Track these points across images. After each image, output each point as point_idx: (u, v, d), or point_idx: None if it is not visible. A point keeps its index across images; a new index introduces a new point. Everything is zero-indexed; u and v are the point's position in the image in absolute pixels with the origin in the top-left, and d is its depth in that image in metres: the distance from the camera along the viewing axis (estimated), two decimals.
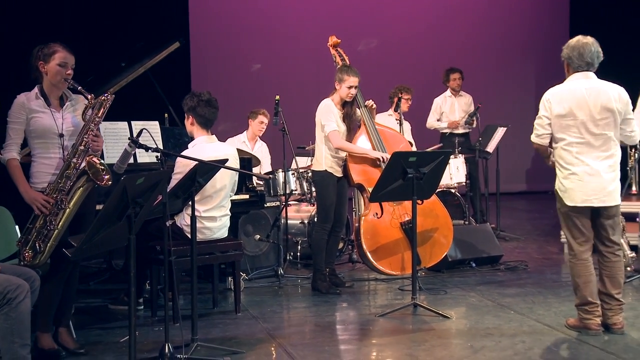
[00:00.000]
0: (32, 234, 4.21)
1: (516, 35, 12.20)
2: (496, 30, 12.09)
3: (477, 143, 8.21)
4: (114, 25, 9.22)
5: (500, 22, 12.09)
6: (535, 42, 12.21)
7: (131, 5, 9.51)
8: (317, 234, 5.95)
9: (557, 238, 7.58)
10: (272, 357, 4.42)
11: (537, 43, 12.20)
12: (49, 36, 4.60)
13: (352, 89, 5.77)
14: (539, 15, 12.26)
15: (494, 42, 12.10)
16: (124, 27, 9.23)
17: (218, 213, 5.14)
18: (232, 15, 11.30)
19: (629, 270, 6.09)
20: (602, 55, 4.68)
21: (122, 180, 3.60)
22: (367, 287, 6.19)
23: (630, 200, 7.24)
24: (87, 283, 6.31)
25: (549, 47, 11.75)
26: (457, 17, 11.94)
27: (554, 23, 12.11)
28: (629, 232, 6.57)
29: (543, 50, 12.02)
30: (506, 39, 12.16)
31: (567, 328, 4.78)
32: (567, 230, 4.75)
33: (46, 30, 6.98)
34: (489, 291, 5.85)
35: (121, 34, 9.02)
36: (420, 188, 5.28)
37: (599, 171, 4.59)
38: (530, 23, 12.24)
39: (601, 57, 4.67)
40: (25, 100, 4.34)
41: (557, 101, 4.62)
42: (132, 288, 3.75)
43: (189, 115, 5.11)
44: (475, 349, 4.42)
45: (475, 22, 12.00)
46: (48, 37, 4.54)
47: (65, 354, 4.43)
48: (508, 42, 12.17)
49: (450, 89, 8.94)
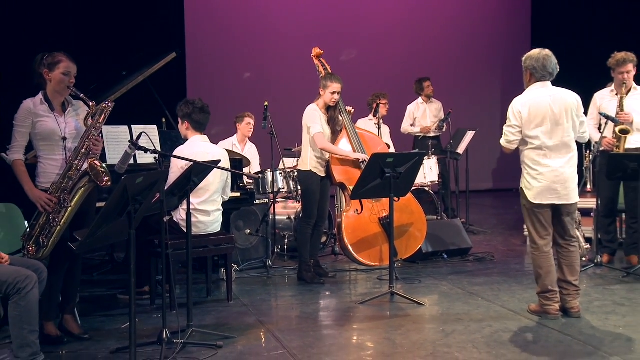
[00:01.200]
0: (35, 229, 4.19)
1: (482, 47, 12.26)
2: (464, 43, 12.13)
3: (448, 145, 8.24)
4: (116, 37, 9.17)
5: (468, 35, 12.14)
6: (500, 54, 12.29)
7: (131, 18, 9.45)
8: (303, 229, 5.94)
9: (521, 232, 7.63)
10: (262, 341, 4.42)
11: (501, 55, 12.28)
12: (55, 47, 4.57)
13: (336, 94, 5.79)
14: (503, 30, 12.33)
15: (462, 54, 12.15)
16: (125, 39, 9.17)
17: (211, 207, 5.13)
18: (224, 29, 11.27)
19: (584, 261, 6.14)
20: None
21: (123, 179, 3.59)
22: (349, 277, 6.19)
23: (585, 197, 7.28)
24: (91, 274, 6.27)
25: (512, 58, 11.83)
26: (429, 30, 11.97)
27: (516, 37, 12.19)
28: (584, 226, 6.62)
29: (506, 61, 12.11)
30: (473, 50, 12.21)
31: (530, 313, 4.81)
32: (530, 225, 4.78)
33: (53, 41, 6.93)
34: (459, 280, 5.87)
35: (122, 46, 8.97)
36: (397, 186, 5.30)
37: (562, 172, 4.63)
38: (495, 37, 12.30)
39: (558, 68, 4.73)
40: (32, 106, 4.31)
41: (526, 110, 4.65)
42: (132, 279, 3.73)
43: (184, 121, 5.11)
44: (447, 333, 4.44)
45: (445, 36, 12.03)
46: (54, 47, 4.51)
47: (71, 339, 4.42)
48: (475, 53, 12.23)
49: (424, 96, 8.98)
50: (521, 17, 12.36)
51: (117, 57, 8.24)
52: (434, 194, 7.73)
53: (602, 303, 5.05)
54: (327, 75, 5.93)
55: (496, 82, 12.44)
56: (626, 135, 5.90)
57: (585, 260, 6.18)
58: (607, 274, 5.95)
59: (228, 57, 11.25)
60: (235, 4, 11.40)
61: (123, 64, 6.69)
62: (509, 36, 12.26)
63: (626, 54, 6.01)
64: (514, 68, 11.39)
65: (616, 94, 6.08)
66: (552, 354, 4.03)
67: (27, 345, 3.68)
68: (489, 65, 12.38)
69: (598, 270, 6.05)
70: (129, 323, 3.77)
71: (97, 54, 8.24)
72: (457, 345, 4.19)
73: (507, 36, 12.27)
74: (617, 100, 6.04)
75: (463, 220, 7.85)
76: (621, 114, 5.94)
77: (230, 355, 4.11)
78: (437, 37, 11.99)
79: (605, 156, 5.98)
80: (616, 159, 5.81)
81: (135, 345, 3.76)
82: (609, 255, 6.29)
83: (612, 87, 6.17)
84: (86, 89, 4.43)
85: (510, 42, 12.17)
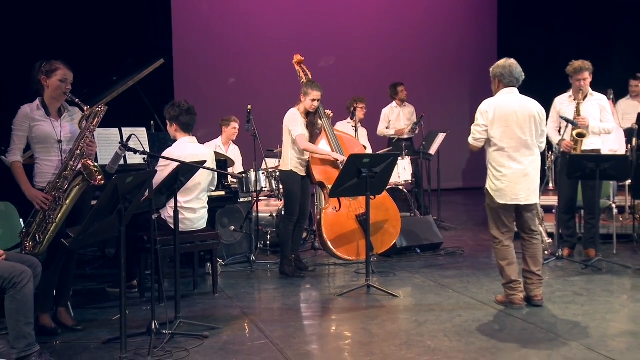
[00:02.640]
0: (32, 227, 4.18)
1: (452, 56, 12.34)
2: (436, 52, 12.20)
3: (421, 146, 8.27)
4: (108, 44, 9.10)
5: (439, 44, 12.20)
6: (468, 62, 12.36)
7: (122, 27, 9.39)
8: (284, 225, 5.95)
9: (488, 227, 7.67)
10: (246, 332, 4.41)
11: (469, 62, 12.36)
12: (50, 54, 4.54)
13: (316, 101, 5.80)
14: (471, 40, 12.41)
15: (434, 61, 12.21)
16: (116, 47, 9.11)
17: (197, 205, 5.12)
18: (210, 37, 11.22)
19: (547, 254, 6.21)
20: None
21: (114, 179, 3.58)
22: (328, 271, 6.20)
23: (547, 195, 7.37)
24: (84, 269, 6.23)
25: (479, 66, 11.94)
26: (403, 40, 12.01)
27: (482, 47, 12.29)
28: (546, 222, 6.69)
29: (474, 68, 12.19)
30: (444, 58, 12.28)
31: (496, 303, 4.85)
32: (493, 223, 4.85)
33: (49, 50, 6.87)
34: (431, 273, 5.90)
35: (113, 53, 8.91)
36: (372, 185, 5.32)
37: (525, 173, 4.68)
38: (464, 46, 12.37)
39: (523, 75, 4.79)
40: (28, 111, 4.30)
41: (493, 112, 4.70)
42: (123, 273, 3.72)
43: (172, 123, 5.10)
44: (420, 323, 4.47)
45: (418, 45, 12.09)
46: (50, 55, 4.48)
47: (65, 330, 4.39)
48: (446, 61, 12.29)
49: (398, 100, 9.02)
50: (487, 29, 12.48)
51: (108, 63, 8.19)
52: (407, 192, 7.76)
53: (563, 293, 5.11)
54: (308, 83, 5.93)
55: (465, 88, 12.53)
56: (582, 139, 5.99)
57: (548, 254, 6.24)
58: (568, 266, 6.02)
59: (213, 63, 11.21)
60: (220, 14, 11.36)
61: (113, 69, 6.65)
62: (476, 46, 12.38)
63: (583, 63, 6.08)
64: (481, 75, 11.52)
65: (574, 99, 6.16)
66: (517, 340, 4.08)
67: (23, 336, 3.66)
68: (459, 72, 12.46)
69: (559, 263, 6.12)
70: (120, 315, 3.75)
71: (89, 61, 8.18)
72: (429, 334, 4.22)
73: (474, 45, 12.39)
74: (575, 106, 6.11)
75: (435, 217, 7.89)
76: (578, 118, 6.01)
77: (215, 345, 4.11)
78: (410, 46, 12.07)
79: (565, 157, 6.06)
80: (576, 159, 5.89)
81: (126, 336, 3.75)
82: (569, 249, 6.36)
83: (571, 93, 6.25)
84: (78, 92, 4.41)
85: (478, 51, 12.28)
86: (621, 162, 5.94)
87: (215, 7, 11.35)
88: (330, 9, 11.78)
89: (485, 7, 12.58)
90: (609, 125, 6.14)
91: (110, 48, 9.05)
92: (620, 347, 3.91)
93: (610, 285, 5.35)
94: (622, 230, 7.00)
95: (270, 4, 11.55)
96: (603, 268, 5.85)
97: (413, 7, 12.22)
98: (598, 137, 6.17)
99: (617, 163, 5.85)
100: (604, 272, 5.74)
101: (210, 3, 11.35)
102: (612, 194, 6.99)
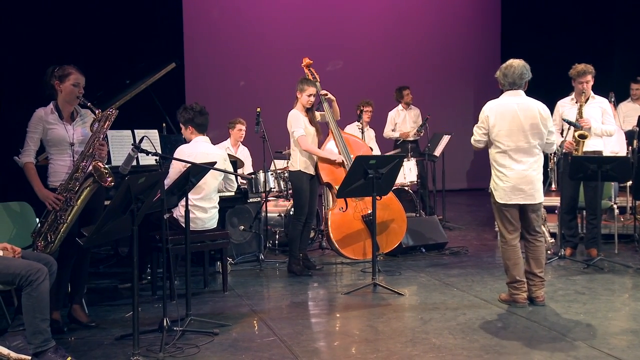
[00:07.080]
0: (44, 226, 4.19)
1: (457, 59, 12.31)
2: (440, 56, 12.18)
3: (426, 148, 8.27)
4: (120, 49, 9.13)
5: (444, 49, 12.19)
6: (472, 66, 12.34)
7: (135, 32, 9.42)
8: (294, 225, 5.95)
9: (492, 227, 7.67)
10: (255, 329, 4.42)
11: (473, 66, 12.34)
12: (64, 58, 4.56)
13: (312, 96, 5.82)
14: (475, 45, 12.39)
15: (439, 65, 12.19)
16: (128, 51, 9.14)
17: (208, 204, 5.13)
18: (220, 41, 11.24)
19: (549, 254, 6.20)
20: (529, 75, 4.73)
21: (126, 180, 3.58)
22: (335, 270, 6.20)
23: (550, 195, 7.35)
24: (97, 267, 6.25)
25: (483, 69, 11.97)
26: (409, 44, 12.00)
27: (486, 51, 12.27)
28: (549, 222, 6.68)
29: (478, 71, 12.18)
30: (449, 62, 12.25)
31: (500, 302, 4.84)
32: (499, 221, 4.82)
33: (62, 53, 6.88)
34: (436, 272, 5.90)
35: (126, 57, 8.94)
36: (379, 186, 5.31)
37: (526, 174, 4.66)
38: (468, 50, 12.35)
39: (526, 77, 4.72)
40: (43, 114, 4.33)
41: (494, 114, 4.69)
42: (135, 271, 3.73)
43: (187, 126, 5.11)
44: (425, 320, 4.47)
45: (423, 49, 12.07)
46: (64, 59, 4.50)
47: (79, 327, 4.42)
48: (450, 65, 12.27)
49: (403, 104, 9.01)
50: (491, 33, 12.45)
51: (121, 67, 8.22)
52: (413, 193, 7.76)
53: (565, 292, 5.09)
54: (302, 79, 5.92)
55: (469, 91, 12.51)
56: (584, 140, 5.97)
57: (550, 253, 6.24)
58: (570, 265, 6.00)
59: (223, 67, 11.23)
60: (230, 18, 11.38)
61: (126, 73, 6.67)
62: (480, 49, 12.36)
63: (585, 66, 6.06)
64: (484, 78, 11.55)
65: (576, 102, 6.14)
66: (520, 338, 4.06)
67: (39, 332, 3.67)
68: (463, 76, 12.44)
69: (561, 262, 6.10)
70: (132, 312, 3.76)
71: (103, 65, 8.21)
72: (434, 331, 4.22)
73: (478, 49, 12.37)
74: (577, 108, 6.09)
75: (440, 217, 7.89)
76: (580, 121, 5.99)
77: (225, 341, 4.11)
78: (416, 50, 12.06)
79: (567, 158, 6.04)
80: (578, 161, 5.87)
81: (138, 333, 3.76)
82: (571, 249, 6.34)
83: (573, 95, 6.23)
84: (92, 95, 4.43)
85: (481, 55, 12.28)
86: (622, 164, 5.91)
87: (225, 13, 11.37)
88: (338, 15, 11.78)
89: (488, 11, 12.55)
90: (610, 128, 6.12)
91: (123, 52, 9.08)
92: (621, 345, 3.90)
93: (611, 284, 5.33)
94: (623, 230, 6.98)
95: (279, 10, 11.56)
96: (605, 267, 5.82)
97: (418, 13, 12.20)
98: (600, 139, 6.15)
99: (618, 164, 5.82)
100: (605, 272, 5.72)
101: (221, 9, 11.37)
102: (613, 194, 6.96)
